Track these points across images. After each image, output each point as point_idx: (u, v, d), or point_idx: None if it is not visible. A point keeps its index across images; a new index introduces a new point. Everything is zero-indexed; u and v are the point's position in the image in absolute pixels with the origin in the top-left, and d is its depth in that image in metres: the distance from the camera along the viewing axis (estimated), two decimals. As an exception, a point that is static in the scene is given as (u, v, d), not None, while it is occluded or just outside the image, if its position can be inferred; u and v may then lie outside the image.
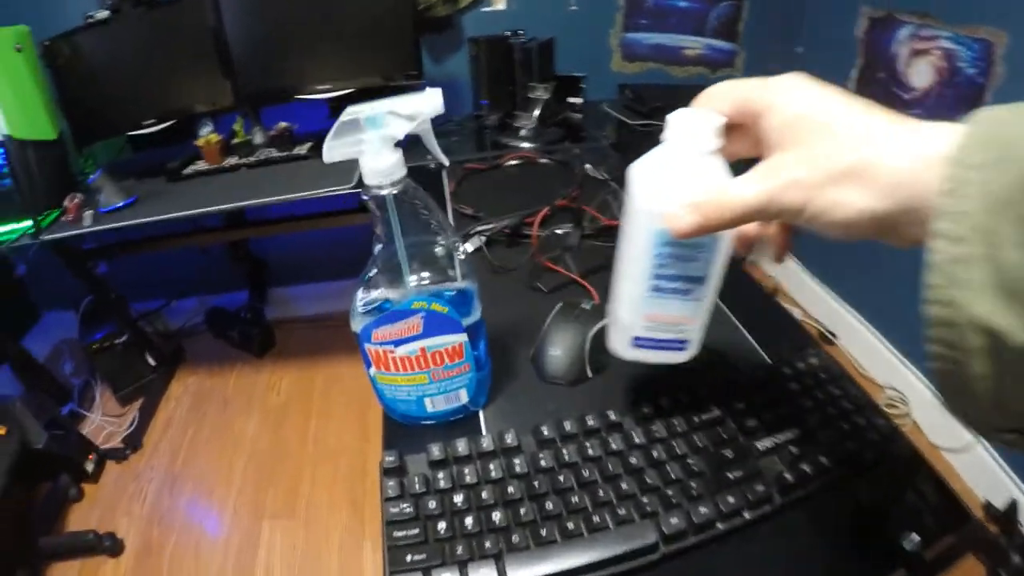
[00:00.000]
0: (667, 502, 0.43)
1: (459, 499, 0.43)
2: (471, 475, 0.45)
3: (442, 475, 0.45)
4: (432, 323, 0.46)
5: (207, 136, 1.41)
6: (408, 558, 0.40)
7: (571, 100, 1.54)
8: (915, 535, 0.40)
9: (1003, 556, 0.52)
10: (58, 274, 1.62)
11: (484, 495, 0.43)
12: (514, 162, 1.12)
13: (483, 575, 0.39)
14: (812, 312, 1.94)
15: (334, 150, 0.42)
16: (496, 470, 0.45)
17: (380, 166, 0.42)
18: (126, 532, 1.48)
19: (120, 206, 1.26)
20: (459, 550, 0.40)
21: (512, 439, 0.47)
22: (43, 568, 1.39)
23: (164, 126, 1.41)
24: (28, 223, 1.27)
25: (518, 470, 0.45)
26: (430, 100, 0.41)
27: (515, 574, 0.39)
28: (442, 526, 0.42)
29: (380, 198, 0.43)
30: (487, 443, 0.47)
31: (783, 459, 0.46)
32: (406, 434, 0.54)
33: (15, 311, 1.94)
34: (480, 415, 0.55)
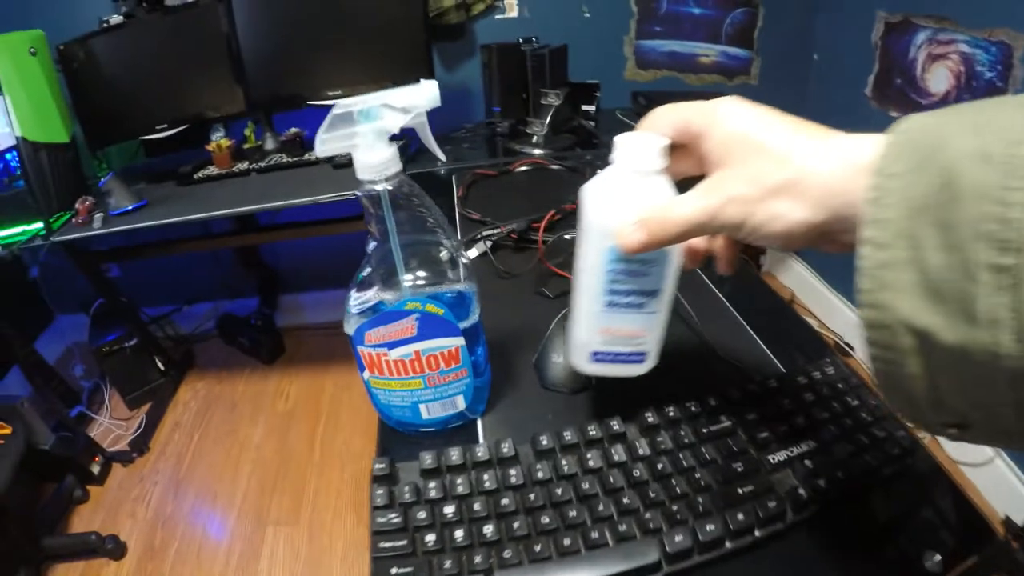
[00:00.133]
0: (671, 518, 0.41)
1: (450, 510, 0.41)
2: (464, 485, 0.43)
3: (433, 485, 0.43)
4: (427, 325, 0.44)
5: (218, 141, 1.42)
6: (393, 571, 0.38)
7: (585, 108, 1.52)
8: (936, 554, 0.38)
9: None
10: (71, 277, 1.63)
11: (476, 507, 0.41)
12: (524, 168, 1.11)
13: (473, 592, 0.37)
14: (829, 323, 1.91)
15: (327, 143, 0.40)
16: (490, 481, 0.43)
17: (374, 160, 0.40)
18: (129, 535, 1.48)
19: (130, 209, 1.27)
20: (447, 564, 0.38)
21: (508, 448, 0.45)
22: (45, 568, 1.39)
23: (176, 131, 1.42)
24: (39, 225, 1.28)
25: (513, 481, 0.43)
26: (425, 92, 0.40)
27: (506, 592, 0.37)
28: (431, 538, 0.39)
29: (374, 194, 0.41)
30: (482, 452, 0.45)
31: (797, 473, 0.43)
32: (402, 441, 0.52)
33: (29, 313, 1.96)
34: (478, 423, 0.53)
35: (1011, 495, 1.29)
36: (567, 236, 0.78)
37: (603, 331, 0.41)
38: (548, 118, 1.27)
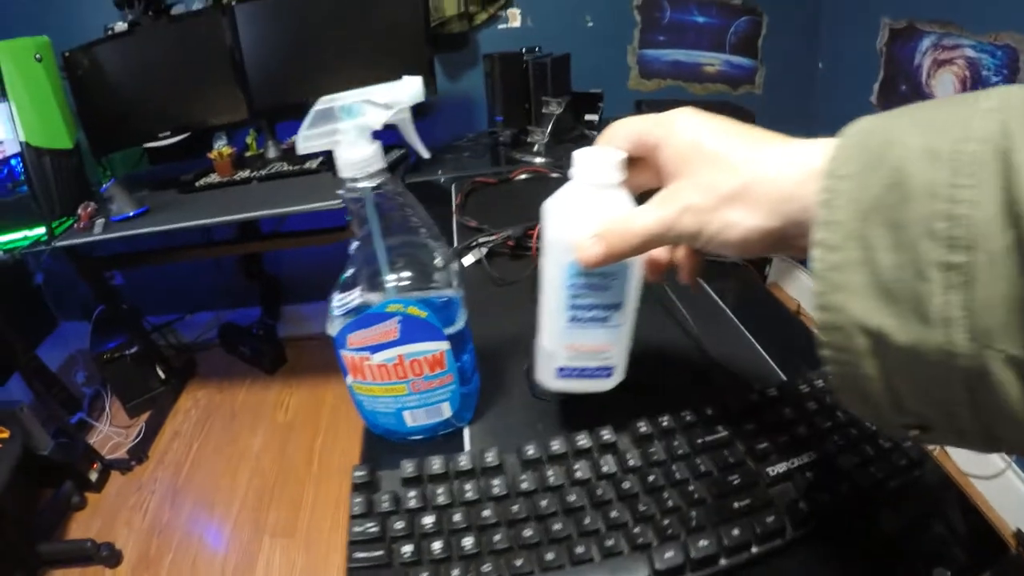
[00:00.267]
0: (662, 533, 0.38)
1: (428, 521, 0.39)
2: (444, 495, 0.41)
3: (413, 494, 0.41)
4: (410, 329, 0.43)
5: (220, 149, 1.43)
6: (367, 583, 0.36)
7: (588, 117, 1.52)
8: (947, 571, 0.36)
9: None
10: (75, 283, 1.64)
11: (456, 518, 0.39)
12: (524, 176, 1.10)
13: (448, 607, 0.35)
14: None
15: (309, 140, 0.39)
16: (472, 491, 0.41)
17: (355, 157, 0.39)
18: (125, 543, 1.47)
19: (131, 215, 1.27)
20: (423, 577, 0.36)
21: (493, 458, 0.43)
22: (41, 574, 1.38)
23: (179, 138, 1.42)
24: (42, 230, 1.28)
25: (496, 492, 0.41)
26: (408, 88, 0.39)
27: (484, 608, 0.35)
28: (407, 549, 0.38)
29: (356, 192, 0.40)
30: (465, 461, 0.43)
31: (797, 486, 0.41)
32: (388, 450, 0.50)
33: (32, 319, 1.97)
34: (465, 432, 0.51)
35: (1023, 507, 1.27)
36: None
37: (568, 346, 0.41)
38: (549, 127, 1.26)
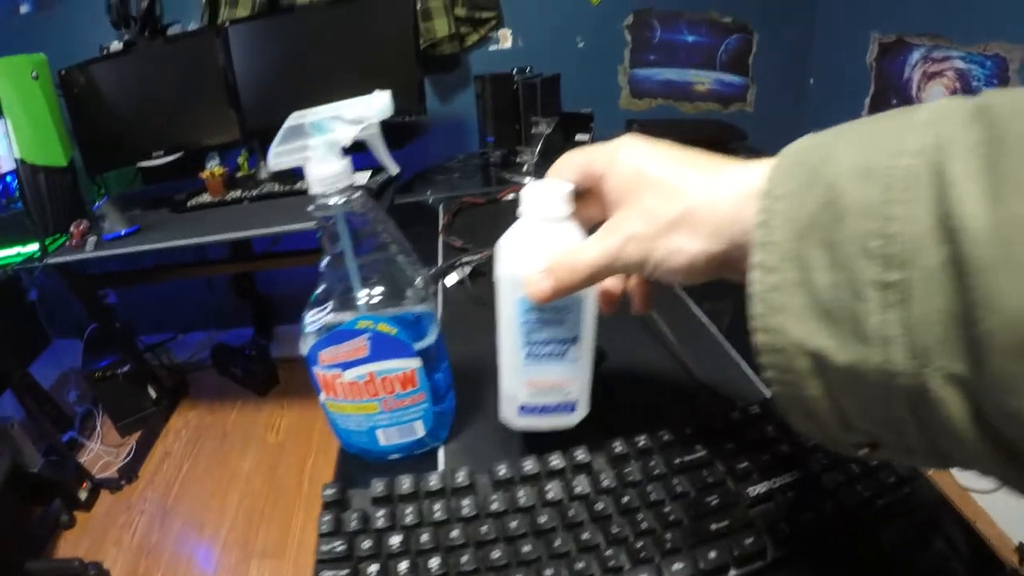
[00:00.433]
0: (635, 556, 0.38)
1: (396, 540, 0.39)
2: (413, 515, 0.40)
3: (382, 513, 0.41)
4: (379, 345, 0.43)
5: (211, 169, 1.43)
6: (330, 605, 0.35)
7: (579, 138, 1.53)
8: None
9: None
10: (69, 301, 1.64)
11: (424, 538, 0.39)
12: (512, 196, 1.10)
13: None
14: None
15: (279, 156, 0.40)
16: (440, 511, 0.40)
17: (325, 173, 0.40)
18: (113, 563, 1.45)
19: (122, 234, 1.27)
20: (387, 599, 0.35)
21: (464, 478, 0.43)
22: (27, 594, 1.36)
23: (172, 158, 1.43)
24: (35, 247, 1.29)
25: (465, 512, 0.40)
26: (376, 104, 0.39)
27: (447, 633, 0.34)
28: (373, 569, 0.37)
29: (327, 208, 0.40)
30: (435, 481, 0.42)
31: (779, 506, 0.40)
32: (363, 469, 0.50)
33: (26, 337, 1.96)
34: (440, 451, 0.50)
35: (1024, 520, 1.25)
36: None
37: (528, 383, 0.41)
38: (538, 147, 1.26)
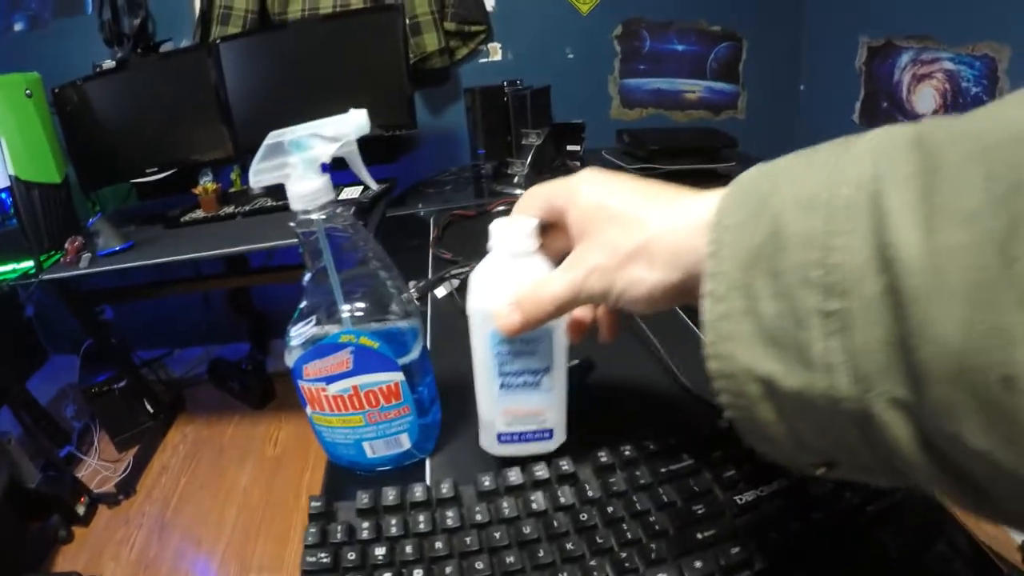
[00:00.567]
0: (619, 566, 0.38)
1: (380, 552, 0.39)
2: (397, 527, 0.40)
3: (367, 525, 0.41)
4: (363, 359, 0.43)
5: (205, 185, 1.44)
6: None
7: (571, 148, 1.53)
8: None
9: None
10: (65, 317, 1.64)
11: (408, 549, 0.39)
12: (502, 208, 1.11)
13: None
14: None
15: (260, 174, 0.40)
16: (425, 523, 0.40)
17: (305, 190, 0.40)
18: (111, 578, 1.44)
19: (117, 250, 1.28)
20: (370, 612, 0.35)
21: (448, 489, 0.43)
22: (26, 607, 1.36)
23: (166, 175, 1.44)
24: (30, 263, 1.29)
25: (449, 523, 0.40)
26: (353, 121, 0.39)
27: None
28: (356, 583, 0.37)
29: (308, 224, 0.41)
30: (420, 492, 0.43)
31: (767, 515, 0.40)
32: (351, 480, 0.50)
33: (23, 353, 1.96)
34: (427, 463, 0.50)
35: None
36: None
37: (504, 412, 0.42)
38: (529, 158, 1.27)
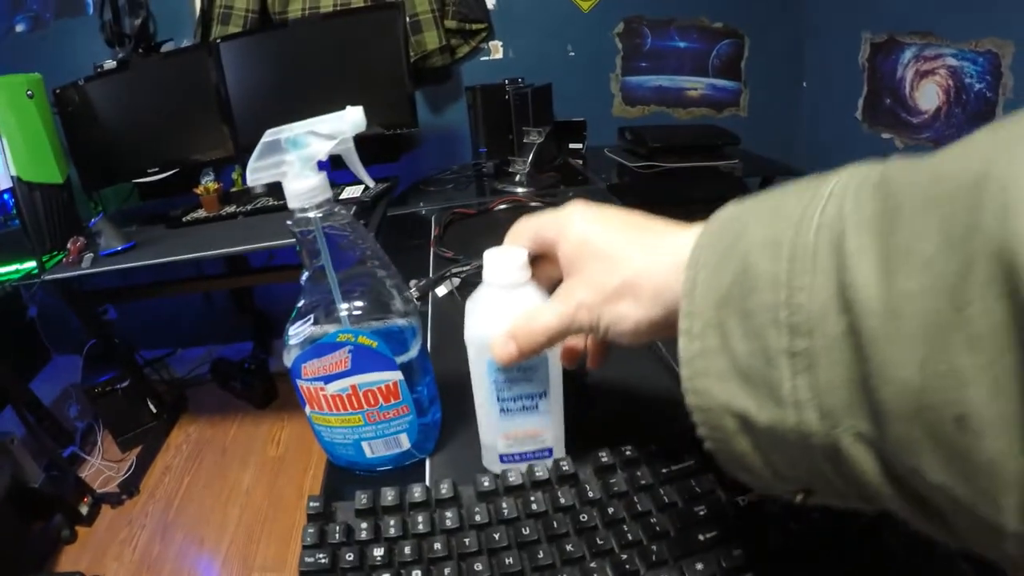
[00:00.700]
0: (620, 568, 0.37)
1: (378, 553, 0.38)
2: (396, 527, 0.40)
3: (365, 525, 0.40)
4: (361, 358, 0.43)
5: (206, 185, 1.44)
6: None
7: (573, 146, 1.53)
8: None
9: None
10: (68, 317, 1.64)
11: (406, 550, 0.38)
12: (504, 206, 1.10)
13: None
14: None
15: (257, 172, 0.40)
16: (423, 523, 0.40)
17: (302, 188, 0.40)
18: (114, 577, 1.44)
19: (119, 250, 1.28)
20: (368, 613, 0.35)
21: (448, 489, 0.42)
22: (29, 607, 1.36)
23: (167, 174, 1.44)
24: (33, 264, 1.29)
25: (448, 524, 0.40)
26: (350, 118, 0.39)
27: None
28: (354, 584, 0.37)
29: (305, 222, 0.41)
30: (419, 493, 0.42)
31: (770, 515, 0.39)
32: (351, 481, 0.49)
33: (27, 353, 1.97)
34: (426, 463, 0.50)
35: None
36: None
37: (504, 435, 0.43)
38: (530, 156, 1.27)
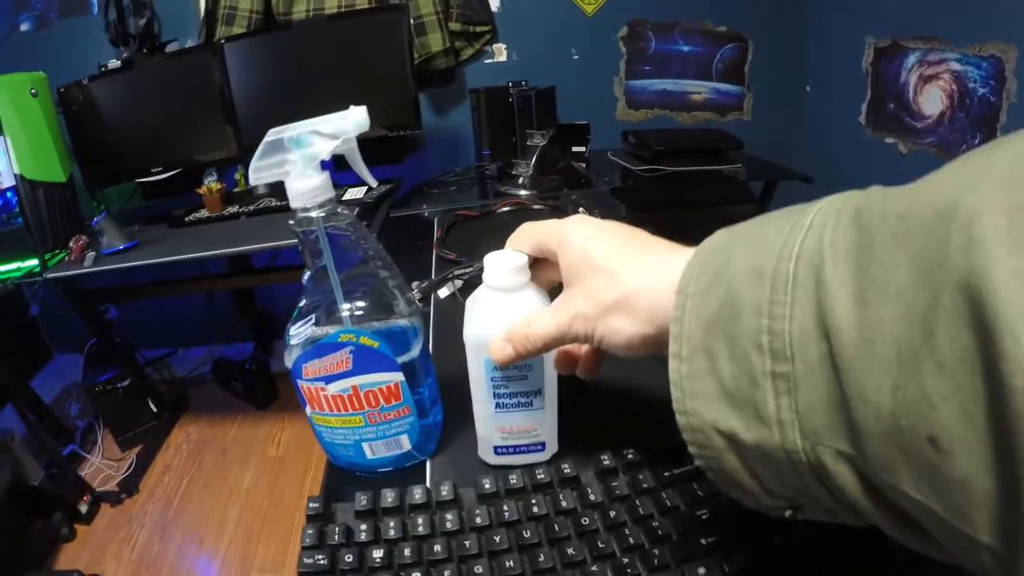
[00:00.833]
0: (622, 572, 0.37)
1: (378, 554, 0.38)
2: (396, 529, 0.40)
3: (365, 527, 0.40)
4: (362, 359, 0.42)
5: (209, 184, 1.44)
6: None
7: (576, 149, 1.53)
8: None
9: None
10: (70, 316, 1.64)
11: (406, 552, 0.38)
12: (507, 209, 1.10)
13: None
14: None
15: (259, 171, 0.40)
16: (424, 525, 0.40)
17: (305, 187, 0.40)
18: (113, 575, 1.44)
19: (121, 249, 1.28)
20: (366, 616, 0.35)
21: (448, 491, 0.42)
22: (27, 604, 1.35)
23: (170, 174, 1.44)
24: (35, 262, 1.29)
25: (449, 527, 0.40)
26: (353, 118, 0.39)
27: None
28: (353, 586, 0.37)
29: (308, 222, 0.40)
30: (419, 495, 0.42)
31: (772, 520, 0.39)
32: (351, 482, 0.49)
33: (28, 351, 1.97)
34: (427, 465, 0.50)
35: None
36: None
37: (499, 429, 0.45)
38: (533, 159, 1.26)
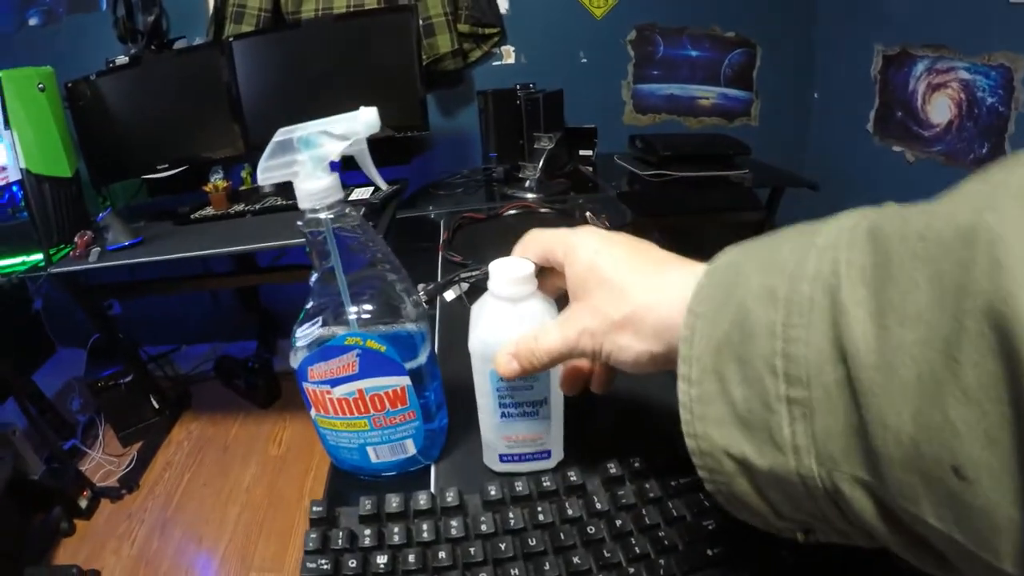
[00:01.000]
0: (627, 582, 0.37)
1: (382, 560, 0.38)
2: (400, 535, 0.39)
3: (369, 532, 0.40)
4: (368, 362, 0.42)
5: (215, 182, 1.44)
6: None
7: (583, 152, 1.53)
8: None
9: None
10: (73, 311, 1.64)
11: (411, 558, 0.38)
12: (514, 212, 1.10)
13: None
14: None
15: (268, 171, 0.39)
16: (428, 531, 0.39)
17: (314, 188, 0.39)
18: (112, 571, 1.45)
19: (125, 245, 1.28)
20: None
21: (453, 497, 0.42)
22: (24, 598, 1.35)
23: (177, 171, 1.44)
24: (40, 256, 1.29)
25: (454, 533, 0.39)
26: (363, 119, 0.39)
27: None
28: (357, 591, 0.36)
29: (316, 223, 0.40)
30: (424, 500, 0.42)
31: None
32: (354, 485, 0.49)
33: (31, 345, 1.97)
34: (432, 470, 0.49)
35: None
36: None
37: (505, 438, 0.44)
38: (541, 162, 1.26)
